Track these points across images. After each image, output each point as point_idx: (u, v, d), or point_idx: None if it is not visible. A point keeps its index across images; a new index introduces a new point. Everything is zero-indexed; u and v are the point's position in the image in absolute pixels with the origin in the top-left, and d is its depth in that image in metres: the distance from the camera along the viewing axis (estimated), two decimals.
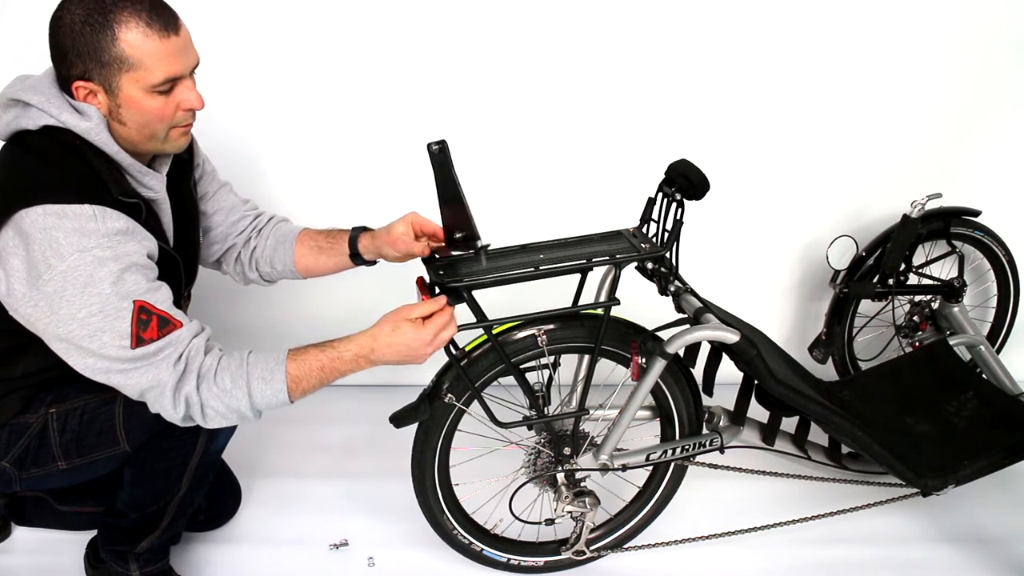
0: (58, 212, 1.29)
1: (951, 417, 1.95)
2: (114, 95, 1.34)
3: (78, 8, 1.29)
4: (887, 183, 2.36)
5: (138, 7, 1.30)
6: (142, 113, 1.36)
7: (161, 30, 1.31)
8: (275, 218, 1.81)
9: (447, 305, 1.46)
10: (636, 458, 1.69)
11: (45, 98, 1.34)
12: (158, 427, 1.48)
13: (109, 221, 1.32)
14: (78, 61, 1.31)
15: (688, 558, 1.87)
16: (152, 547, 1.68)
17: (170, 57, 1.33)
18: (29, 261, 1.29)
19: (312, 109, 2.21)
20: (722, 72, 2.20)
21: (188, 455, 1.57)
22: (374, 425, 1.71)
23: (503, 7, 2.11)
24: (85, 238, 1.29)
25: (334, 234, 1.73)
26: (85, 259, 1.28)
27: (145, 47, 1.31)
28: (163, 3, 1.35)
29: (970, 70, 2.23)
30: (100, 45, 1.29)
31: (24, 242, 1.29)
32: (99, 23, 1.28)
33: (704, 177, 1.48)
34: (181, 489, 1.61)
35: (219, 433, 1.58)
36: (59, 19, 1.31)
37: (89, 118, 1.34)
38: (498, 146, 2.26)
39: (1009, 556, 1.90)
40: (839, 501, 1.93)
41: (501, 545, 1.81)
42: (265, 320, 2.51)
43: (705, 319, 1.56)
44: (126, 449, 1.52)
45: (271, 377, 1.40)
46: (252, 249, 1.77)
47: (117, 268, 1.30)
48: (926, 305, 2.33)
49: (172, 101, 1.37)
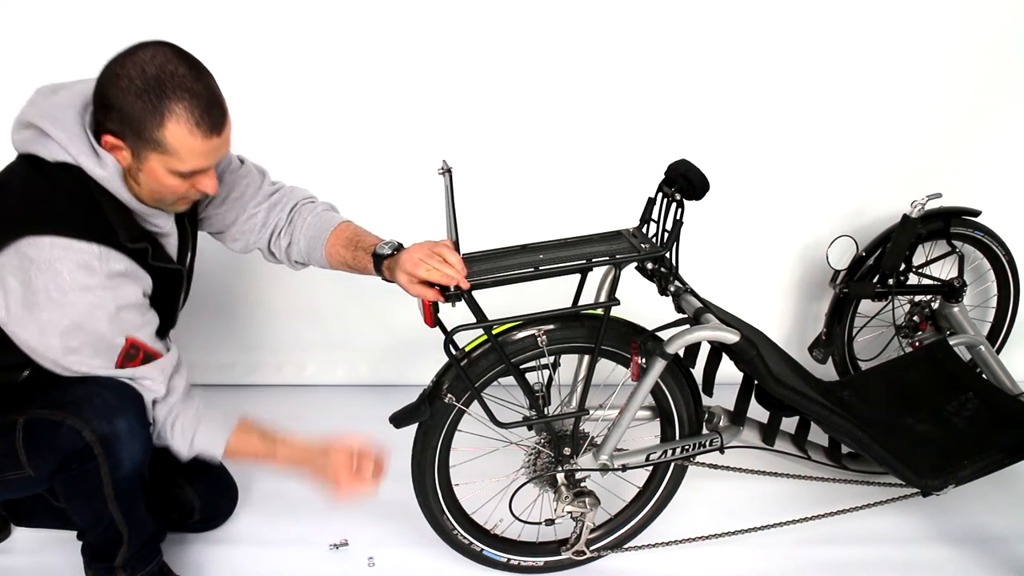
0: (65, 246, 1.32)
1: (951, 417, 1.95)
2: (138, 161, 1.36)
3: (139, 76, 1.28)
4: (887, 183, 2.36)
5: (194, 102, 1.30)
6: (159, 184, 1.39)
7: (207, 131, 1.33)
8: (301, 207, 1.71)
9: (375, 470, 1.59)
10: (636, 458, 1.69)
11: (67, 136, 1.34)
12: (60, 456, 1.44)
13: (112, 263, 1.37)
14: (118, 121, 1.32)
15: (688, 558, 1.87)
16: (130, 557, 1.64)
17: (205, 155, 1.36)
18: (29, 286, 1.32)
19: (312, 110, 2.20)
20: (722, 72, 2.20)
21: (99, 483, 1.48)
22: (374, 425, 1.71)
23: (504, 8, 2.11)
24: (88, 276, 1.34)
25: (359, 256, 1.61)
26: (86, 297, 1.34)
27: (186, 143, 1.33)
28: (219, 102, 1.35)
29: (970, 70, 2.23)
30: (145, 123, 1.30)
31: (27, 266, 1.32)
32: (152, 104, 1.28)
33: (704, 177, 1.48)
34: (113, 513, 1.54)
35: (123, 459, 1.47)
36: (115, 75, 1.30)
37: (106, 167, 1.35)
38: (498, 146, 2.25)
39: (1009, 556, 1.90)
40: (839, 501, 1.93)
41: (501, 545, 1.81)
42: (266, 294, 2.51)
43: (705, 319, 1.56)
44: (31, 474, 1.47)
45: (212, 440, 1.56)
46: (286, 245, 1.70)
47: (114, 308, 1.37)
48: (926, 305, 2.33)
49: (189, 182, 1.40)
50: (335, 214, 1.72)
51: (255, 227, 1.69)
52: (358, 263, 1.61)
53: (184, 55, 1.33)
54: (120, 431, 1.44)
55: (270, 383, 2.54)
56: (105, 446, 1.44)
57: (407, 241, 1.54)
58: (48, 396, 1.44)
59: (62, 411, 1.42)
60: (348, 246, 1.63)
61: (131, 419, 1.46)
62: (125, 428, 1.45)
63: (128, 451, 1.47)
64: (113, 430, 1.43)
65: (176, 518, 1.86)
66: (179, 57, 1.31)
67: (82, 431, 1.41)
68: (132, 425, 1.46)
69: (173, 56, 1.31)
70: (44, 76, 1.59)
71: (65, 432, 1.41)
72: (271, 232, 1.70)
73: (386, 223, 1.85)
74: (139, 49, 1.31)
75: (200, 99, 1.31)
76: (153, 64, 1.28)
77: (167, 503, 1.82)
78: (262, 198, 1.69)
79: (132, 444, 1.47)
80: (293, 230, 1.69)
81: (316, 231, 1.66)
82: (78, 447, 1.43)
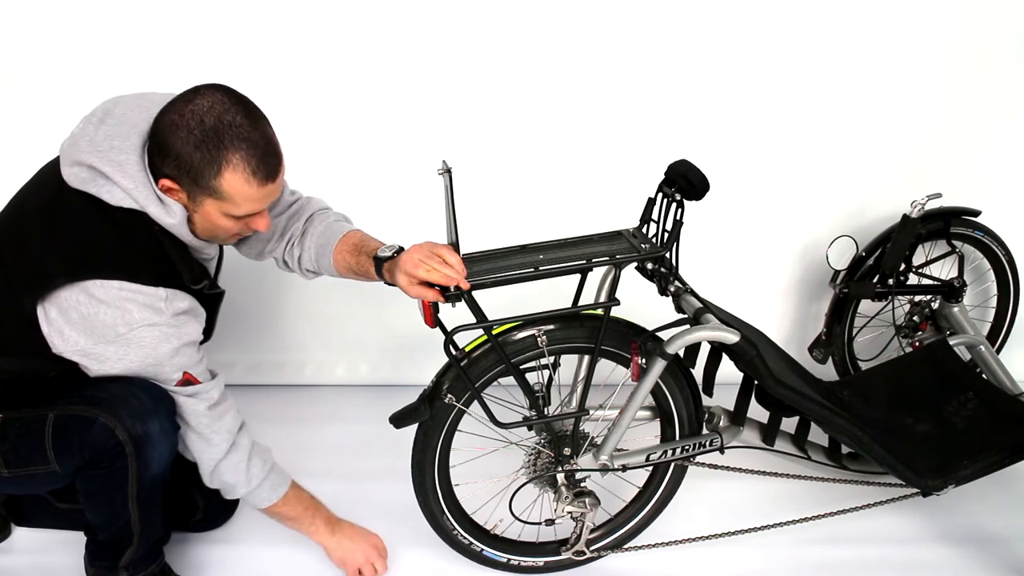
0: (134, 289, 1.37)
1: (951, 417, 1.95)
2: (194, 204, 1.39)
3: (197, 126, 1.30)
4: (887, 183, 2.36)
5: (251, 152, 1.32)
6: (213, 226, 1.43)
7: (263, 180, 1.36)
8: (316, 216, 1.73)
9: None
10: (636, 458, 1.69)
11: (134, 185, 1.35)
12: (89, 453, 1.46)
13: (177, 302, 1.42)
14: (175, 167, 1.34)
15: (688, 558, 1.87)
16: (136, 558, 1.65)
17: (260, 201, 1.40)
18: (93, 319, 1.37)
19: (312, 110, 2.20)
20: (722, 72, 2.20)
21: (123, 482, 1.50)
22: (374, 425, 1.71)
23: (505, 8, 2.11)
24: (156, 315, 1.39)
25: (362, 260, 1.62)
26: (153, 333, 1.39)
27: (243, 192, 1.35)
28: (274, 149, 1.38)
29: (970, 70, 2.22)
30: (203, 172, 1.32)
31: (94, 303, 1.36)
32: (210, 154, 1.31)
33: (704, 177, 1.48)
34: (131, 513, 1.56)
35: (151, 460, 1.50)
36: (174, 123, 1.31)
37: (174, 215, 1.39)
38: (498, 146, 2.25)
39: (1009, 556, 1.90)
40: (839, 501, 1.93)
41: (501, 545, 1.81)
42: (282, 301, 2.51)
43: (705, 319, 1.56)
44: (57, 470, 1.48)
45: (274, 489, 1.67)
46: (299, 255, 1.72)
47: (178, 344, 1.43)
48: (926, 305, 2.33)
49: (243, 223, 1.44)
50: (346, 224, 1.74)
51: (273, 236, 1.71)
52: (361, 268, 1.62)
53: (241, 100, 1.35)
54: (152, 433, 1.47)
55: (270, 383, 2.54)
56: (137, 446, 1.46)
57: (408, 242, 1.54)
58: (82, 392, 1.46)
59: (96, 408, 1.43)
60: (353, 252, 1.64)
61: (163, 421, 1.49)
62: (157, 430, 1.47)
63: (158, 452, 1.49)
64: (146, 431, 1.46)
65: (179, 517, 1.87)
66: (236, 104, 1.34)
67: (115, 429, 1.43)
68: (164, 428, 1.49)
69: (231, 104, 1.33)
70: (49, 77, 1.60)
71: (98, 430, 1.43)
72: (287, 242, 1.72)
73: (386, 223, 1.86)
74: (197, 96, 1.33)
75: (257, 148, 1.33)
76: (212, 114, 1.31)
77: (172, 502, 1.82)
78: (282, 208, 1.72)
79: (162, 446, 1.49)
80: (305, 239, 1.71)
81: (325, 239, 1.68)
82: (110, 446, 1.45)
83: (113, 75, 2.09)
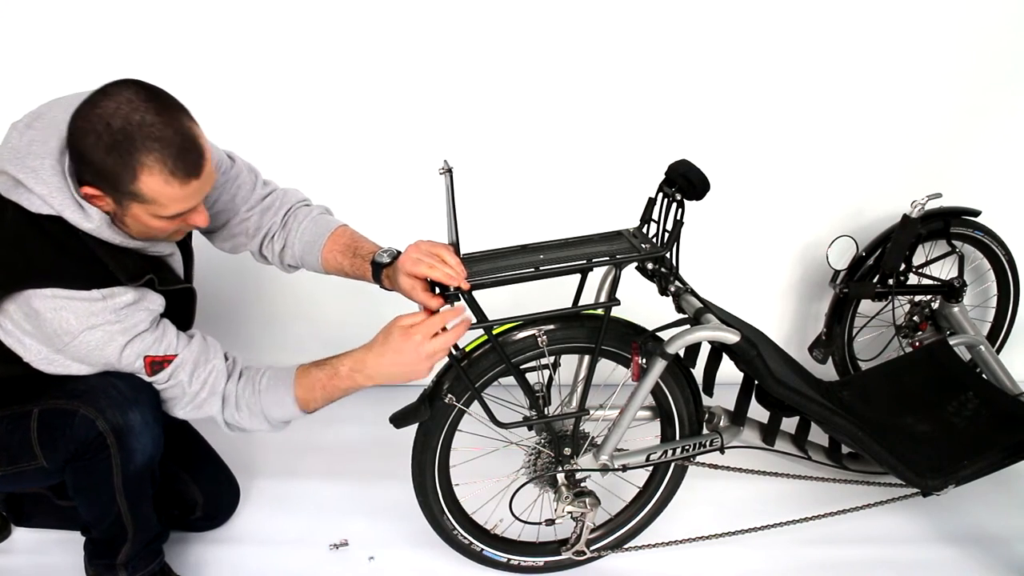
0: (68, 295, 1.35)
1: (951, 417, 1.95)
2: (122, 209, 1.34)
3: (105, 131, 1.24)
4: (887, 183, 2.36)
5: (166, 152, 1.26)
6: (146, 228, 1.38)
7: (183, 178, 1.29)
8: (296, 210, 1.69)
9: (444, 311, 1.46)
10: (636, 458, 1.69)
11: (48, 190, 1.31)
12: (74, 446, 1.45)
13: (117, 297, 1.39)
14: (93, 175, 1.29)
15: (688, 558, 1.87)
16: (133, 555, 1.65)
17: (187, 199, 1.34)
18: (41, 329, 1.37)
19: (313, 111, 2.20)
20: (722, 72, 2.20)
21: (108, 474, 1.49)
22: (374, 425, 1.71)
23: (504, 9, 2.11)
24: (93, 316, 1.36)
25: (357, 263, 1.61)
26: (95, 335, 1.37)
27: (165, 193, 1.30)
28: (192, 144, 1.29)
29: (970, 70, 2.22)
30: (120, 178, 1.27)
31: (33, 316, 1.36)
32: (123, 159, 1.25)
33: (704, 177, 1.48)
34: (120, 506, 1.55)
35: (135, 451, 1.48)
36: (83, 130, 1.25)
37: (91, 219, 1.34)
38: (499, 146, 2.25)
39: (1009, 556, 1.90)
40: (839, 501, 1.93)
41: (501, 545, 1.81)
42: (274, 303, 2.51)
43: (705, 319, 1.56)
44: (45, 465, 1.48)
45: (282, 402, 1.52)
46: (280, 249, 1.69)
47: (124, 340, 1.39)
48: (926, 305, 2.33)
49: (179, 220, 1.39)
50: (331, 218, 1.70)
51: (247, 231, 1.68)
52: (356, 270, 1.61)
53: (152, 96, 1.27)
54: (133, 423, 1.45)
55: None
56: (118, 436, 1.45)
57: (408, 242, 1.54)
58: (63, 386, 1.45)
59: (77, 401, 1.43)
60: (346, 253, 1.62)
61: (144, 412, 1.47)
62: (139, 420, 1.46)
63: (140, 444, 1.48)
64: (126, 421, 1.45)
65: (178, 514, 1.87)
66: (147, 101, 1.25)
67: (96, 420, 1.43)
68: (146, 418, 1.47)
69: (140, 102, 1.25)
70: (40, 79, 1.60)
71: (79, 422, 1.43)
72: (263, 236, 1.69)
73: (386, 223, 1.86)
74: (104, 97, 1.25)
75: (171, 146, 1.26)
76: (119, 116, 1.23)
77: (170, 499, 1.82)
78: (255, 202, 1.67)
79: (144, 437, 1.48)
80: (288, 234, 1.67)
81: (312, 236, 1.65)
82: (91, 437, 1.44)
83: (113, 75, 2.09)
